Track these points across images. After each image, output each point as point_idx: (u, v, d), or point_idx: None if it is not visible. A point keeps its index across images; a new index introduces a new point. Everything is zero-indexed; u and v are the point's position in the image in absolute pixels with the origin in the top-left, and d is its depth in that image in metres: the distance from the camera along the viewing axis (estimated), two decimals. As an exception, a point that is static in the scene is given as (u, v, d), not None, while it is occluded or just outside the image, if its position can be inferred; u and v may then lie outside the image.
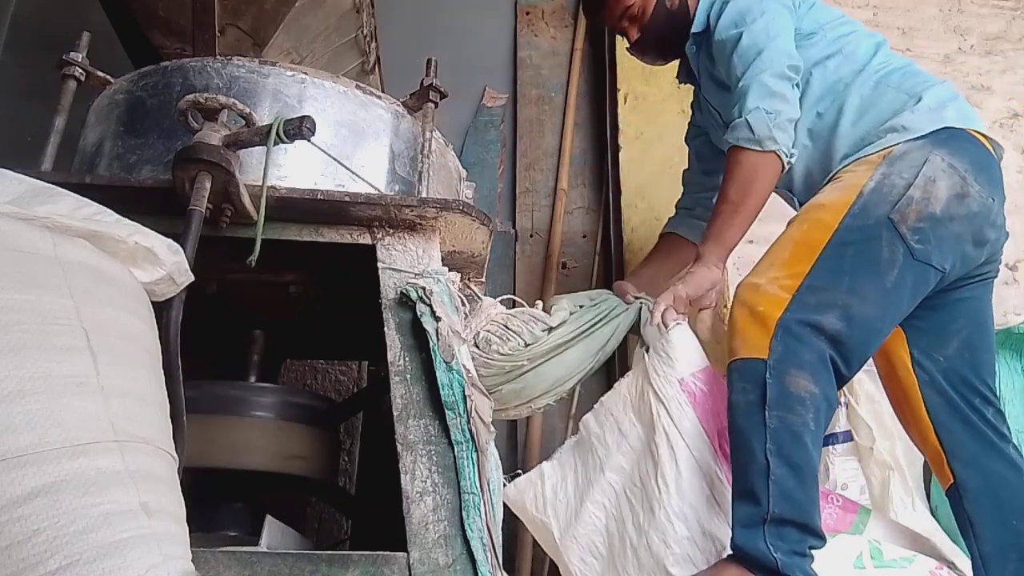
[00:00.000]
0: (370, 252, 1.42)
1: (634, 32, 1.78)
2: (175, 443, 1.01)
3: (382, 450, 1.46)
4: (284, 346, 1.90)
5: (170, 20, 2.00)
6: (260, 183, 1.32)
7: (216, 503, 1.57)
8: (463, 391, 1.29)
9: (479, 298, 1.57)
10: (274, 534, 1.37)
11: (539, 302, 1.64)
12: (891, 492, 2.00)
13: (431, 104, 1.57)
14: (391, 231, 1.43)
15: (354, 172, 1.47)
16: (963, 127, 1.52)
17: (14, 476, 0.79)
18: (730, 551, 1.31)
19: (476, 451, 1.27)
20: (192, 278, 1.13)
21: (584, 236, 2.61)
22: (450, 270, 1.41)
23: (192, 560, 0.91)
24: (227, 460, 1.52)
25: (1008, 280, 2.74)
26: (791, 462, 1.30)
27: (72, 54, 1.55)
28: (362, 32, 2.32)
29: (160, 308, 1.10)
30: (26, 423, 0.81)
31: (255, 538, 1.35)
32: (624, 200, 2.46)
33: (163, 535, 0.87)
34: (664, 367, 1.49)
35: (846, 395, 2.11)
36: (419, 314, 1.33)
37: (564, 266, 2.55)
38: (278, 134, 1.29)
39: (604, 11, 1.79)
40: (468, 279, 1.63)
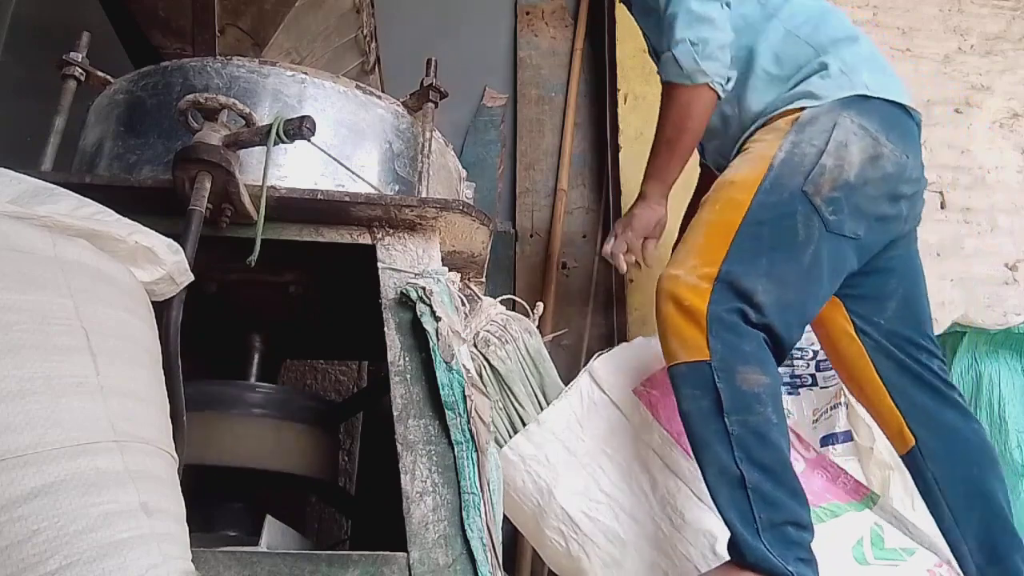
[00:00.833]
0: (370, 252, 1.42)
1: None
2: (175, 443, 1.01)
3: (382, 450, 1.46)
4: (284, 346, 1.90)
5: (170, 20, 2.00)
6: (260, 183, 1.32)
7: (216, 503, 1.57)
8: (463, 391, 1.29)
9: (479, 298, 1.57)
10: (274, 534, 1.37)
11: (539, 303, 1.64)
12: (891, 492, 2.00)
13: (431, 104, 1.57)
14: (391, 231, 1.43)
15: (354, 172, 1.47)
16: (877, 96, 1.49)
17: (14, 476, 0.79)
18: (735, 556, 1.29)
19: (476, 451, 1.27)
20: (192, 278, 1.13)
21: (584, 236, 2.61)
22: (450, 270, 1.41)
23: (192, 560, 0.91)
24: (227, 460, 1.52)
25: (1008, 280, 2.75)
26: (763, 465, 1.27)
27: (72, 54, 1.55)
28: (362, 32, 2.32)
29: (160, 308, 1.10)
30: (26, 423, 0.81)
31: (255, 538, 1.34)
32: (624, 200, 2.46)
33: (163, 535, 0.87)
34: (615, 379, 1.51)
35: (846, 395, 2.11)
36: (419, 314, 1.33)
37: (564, 266, 2.55)
38: (278, 134, 1.29)
39: None
40: (468, 279, 1.63)
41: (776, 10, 1.60)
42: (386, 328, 1.35)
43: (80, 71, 1.55)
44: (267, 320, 1.73)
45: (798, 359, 2.36)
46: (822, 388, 2.29)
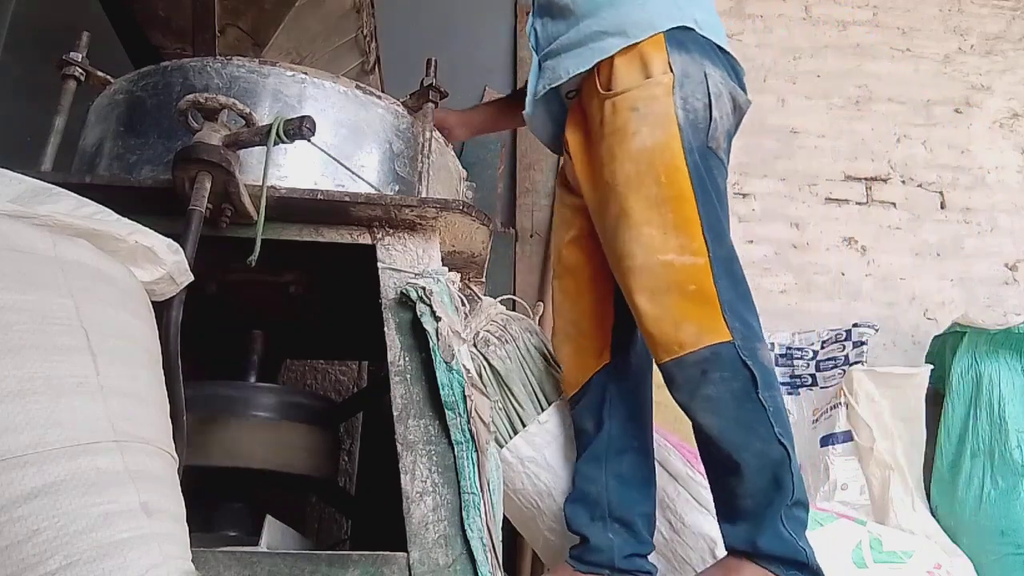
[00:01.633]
0: (370, 252, 1.42)
1: None
2: (175, 443, 1.01)
3: (382, 450, 1.46)
4: (284, 346, 1.90)
5: (170, 20, 2.01)
6: (260, 183, 1.32)
7: (216, 503, 1.57)
8: (463, 391, 1.29)
9: (479, 298, 1.57)
10: (274, 534, 1.37)
11: (540, 304, 1.64)
12: (891, 492, 2.01)
13: (431, 104, 1.57)
14: (391, 231, 1.43)
15: (354, 172, 1.47)
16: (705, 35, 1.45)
17: (14, 476, 0.79)
18: (739, 550, 1.26)
19: (476, 451, 1.27)
20: (192, 278, 1.13)
21: (584, 236, 2.61)
22: (450, 270, 1.41)
23: (192, 560, 0.91)
24: (227, 460, 1.52)
25: (1008, 280, 2.75)
26: (792, 439, 1.25)
27: (72, 54, 1.55)
28: (362, 32, 2.32)
29: (160, 308, 1.10)
30: (26, 423, 0.81)
31: (255, 538, 1.35)
32: (624, 200, 2.45)
33: (163, 535, 0.87)
34: None
35: (846, 395, 2.12)
36: (419, 314, 1.33)
37: (564, 266, 2.54)
38: (278, 134, 1.29)
39: None
40: (468, 279, 1.63)
41: None
42: (386, 328, 1.35)
43: (80, 71, 1.55)
44: (267, 320, 1.73)
45: (798, 359, 2.37)
46: (822, 388, 2.29)
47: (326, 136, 1.45)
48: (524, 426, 1.50)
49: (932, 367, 2.18)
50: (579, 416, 1.49)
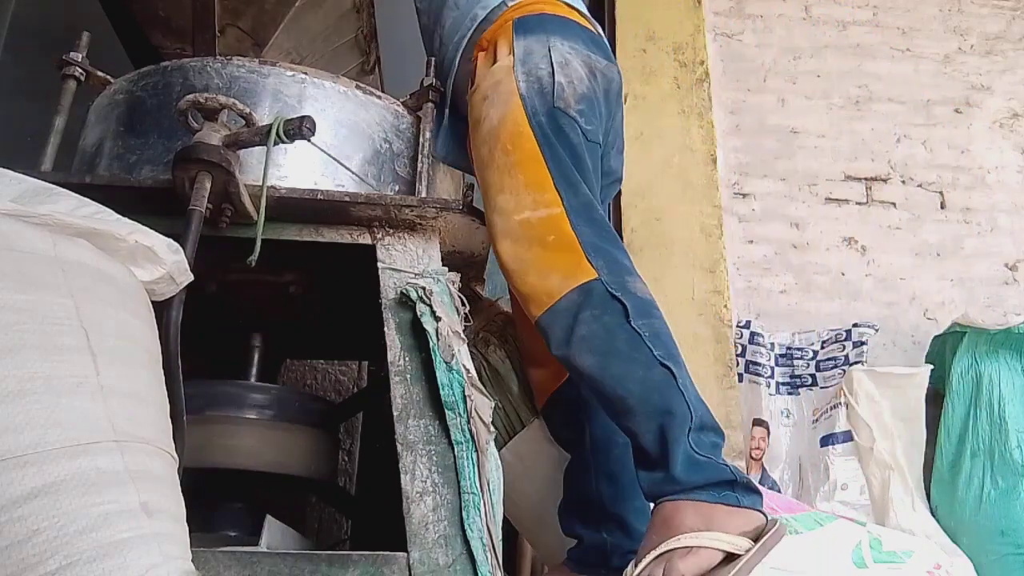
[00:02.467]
0: (370, 252, 1.42)
1: None
2: (175, 443, 1.01)
3: (382, 450, 1.46)
4: (284, 346, 1.90)
5: (170, 20, 2.01)
6: (260, 183, 1.32)
7: (216, 503, 1.57)
8: (463, 391, 1.29)
9: (479, 298, 1.57)
10: (274, 534, 1.37)
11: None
12: (891, 492, 2.01)
13: (431, 104, 1.57)
14: (391, 231, 1.43)
15: (354, 172, 1.47)
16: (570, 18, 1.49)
17: (14, 476, 0.79)
18: (664, 494, 1.15)
19: (476, 451, 1.27)
20: (192, 278, 1.13)
21: (584, 236, 2.61)
22: (450, 270, 1.41)
23: (192, 560, 0.91)
24: (227, 460, 1.52)
25: (1008, 280, 2.75)
26: (680, 361, 1.19)
27: (72, 54, 1.55)
28: (362, 32, 2.32)
29: (160, 308, 1.10)
30: (26, 423, 0.81)
31: (255, 538, 1.34)
32: (624, 200, 2.46)
33: (163, 535, 0.87)
34: None
35: (846, 395, 2.12)
36: (419, 314, 1.33)
37: (564, 266, 2.54)
38: (278, 134, 1.29)
39: None
40: (468, 279, 1.63)
41: None
42: (386, 328, 1.35)
43: (80, 71, 1.55)
44: (267, 320, 1.73)
45: (798, 359, 2.37)
46: (822, 388, 2.29)
47: (326, 136, 1.45)
48: (523, 426, 1.50)
49: (932, 367, 2.18)
50: (555, 429, 1.50)
